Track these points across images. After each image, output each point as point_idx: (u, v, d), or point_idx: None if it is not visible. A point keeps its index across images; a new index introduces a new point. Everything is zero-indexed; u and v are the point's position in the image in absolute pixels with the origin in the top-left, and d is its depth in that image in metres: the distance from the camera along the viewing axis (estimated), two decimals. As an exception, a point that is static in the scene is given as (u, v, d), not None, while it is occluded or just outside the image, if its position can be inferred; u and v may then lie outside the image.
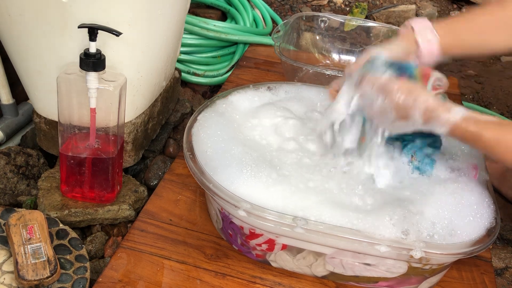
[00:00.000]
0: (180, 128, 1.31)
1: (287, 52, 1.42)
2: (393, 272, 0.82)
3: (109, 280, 0.84)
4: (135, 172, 1.16)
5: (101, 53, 0.84)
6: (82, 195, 0.97)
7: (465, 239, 0.77)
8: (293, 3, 2.13)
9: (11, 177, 1.05)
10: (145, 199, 1.04)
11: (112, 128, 0.90)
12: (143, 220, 0.96)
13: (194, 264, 0.89)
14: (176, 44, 1.12)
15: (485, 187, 0.86)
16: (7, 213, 0.90)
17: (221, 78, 1.57)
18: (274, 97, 1.07)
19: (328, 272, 0.86)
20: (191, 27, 1.52)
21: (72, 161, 0.93)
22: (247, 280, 0.87)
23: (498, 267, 1.04)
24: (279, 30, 1.38)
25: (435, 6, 2.22)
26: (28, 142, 1.17)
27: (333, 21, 1.53)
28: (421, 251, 0.75)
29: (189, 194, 1.03)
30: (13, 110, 1.16)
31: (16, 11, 0.86)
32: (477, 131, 0.75)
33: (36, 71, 0.95)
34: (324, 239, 0.78)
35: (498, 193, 1.20)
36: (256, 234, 0.84)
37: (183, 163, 1.07)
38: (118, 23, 0.85)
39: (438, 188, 0.84)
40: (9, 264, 0.82)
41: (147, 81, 1.02)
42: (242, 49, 1.62)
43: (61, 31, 0.87)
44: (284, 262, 0.87)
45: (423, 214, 0.79)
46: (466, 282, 0.91)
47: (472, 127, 0.75)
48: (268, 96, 1.06)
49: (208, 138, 0.91)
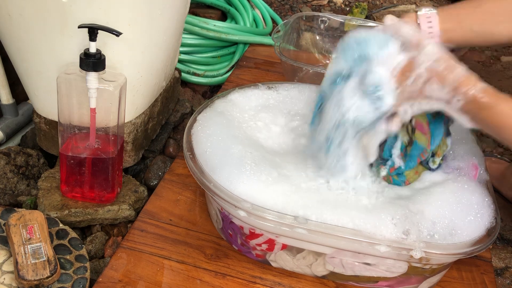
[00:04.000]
0: (180, 128, 1.31)
1: (287, 52, 1.42)
2: (393, 272, 0.82)
3: (109, 280, 0.84)
4: (135, 172, 1.16)
5: (101, 53, 0.84)
6: (82, 195, 0.97)
7: (465, 239, 0.77)
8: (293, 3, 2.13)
9: (11, 177, 1.05)
10: (145, 199, 1.04)
11: (112, 128, 0.90)
12: (143, 220, 0.96)
13: (194, 264, 0.89)
14: (176, 44, 1.12)
15: (485, 187, 0.86)
16: (7, 213, 0.90)
17: (221, 78, 1.57)
18: (275, 95, 1.07)
19: (328, 272, 0.86)
20: (191, 27, 1.52)
21: (72, 161, 0.93)
22: (247, 280, 0.87)
23: (498, 267, 1.04)
24: (279, 30, 1.38)
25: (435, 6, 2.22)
26: (28, 142, 1.17)
27: (333, 21, 1.53)
28: (421, 251, 0.75)
29: (189, 194, 1.03)
30: (13, 110, 1.16)
31: (16, 11, 0.86)
32: (492, 102, 0.72)
33: (36, 71, 0.95)
34: (324, 239, 0.78)
35: (498, 193, 1.19)
36: (256, 234, 0.84)
37: (183, 163, 1.07)
38: (118, 23, 0.85)
39: (438, 187, 0.84)
40: (9, 264, 0.82)
41: (147, 81, 1.02)
42: (242, 49, 1.62)
43: (61, 31, 0.87)
44: (284, 262, 0.87)
45: (423, 214, 0.79)
46: (466, 282, 0.91)
47: (487, 98, 0.72)
48: (268, 94, 1.06)
49: (208, 137, 0.90)
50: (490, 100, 0.73)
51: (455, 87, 0.74)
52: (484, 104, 0.73)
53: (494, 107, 0.72)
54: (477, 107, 0.74)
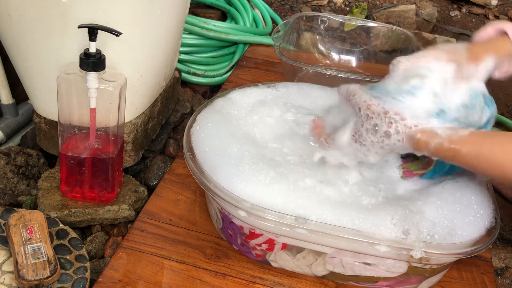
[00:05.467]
0: (180, 128, 1.31)
1: (287, 52, 1.42)
2: (393, 272, 0.82)
3: (109, 280, 0.84)
4: (135, 172, 1.16)
5: (101, 53, 0.84)
6: (82, 195, 0.97)
7: (465, 239, 0.77)
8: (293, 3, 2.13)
9: (11, 177, 1.05)
10: (145, 199, 1.04)
11: (112, 128, 0.90)
12: (143, 220, 0.96)
13: (194, 264, 0.89)
14: (176, 44, 1.12)
15: (485, 187, 0.86)
16: (7, 213, 0.90)
17: (221, 78, 1.57)
18: (274, 92, 1.07)
19: (328, 272, 0.86)
20: (191, 27, 1.52)
21: (72, 161, 0.93)
22: (247, 280, 0.87)
23: (498, 267, 1.04)
24: (279, 30, 1.38)
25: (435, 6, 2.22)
26: (28, 142, 1.17)
27: (333, 21, 1.53)
28: (421, 251, 0.75)
29: (189, 194, 1.03)
30: (13, 110, 1.16)
31: (16, 11, 0.86)
32: (453, 147, 0.71)
33: (36, 71, 0.95)
34: (324, 239, 0.78)
35: (498, 193, 1.19)
36: (256, 234, 0.84)
37: (183, 163, 1.07)
38: (118, 23, 0.85)
39: (438, 187, 0.84)
40: (9, 264, 0.83)
41: (147, 81, 1.02)
42: (242, 49, 1.62)
43: (61, 31, 0.87)
44: (284, 262, 0.87)
45: (423, 214, 0.79)
46: (466, 282, 0.91)
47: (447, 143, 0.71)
48: (268, 92, 1.06)
49: (208, 137, 0.90)
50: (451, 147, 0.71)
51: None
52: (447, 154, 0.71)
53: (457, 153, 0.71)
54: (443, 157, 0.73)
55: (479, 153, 0.70)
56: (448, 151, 0.72)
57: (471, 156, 0.70)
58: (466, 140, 0.71)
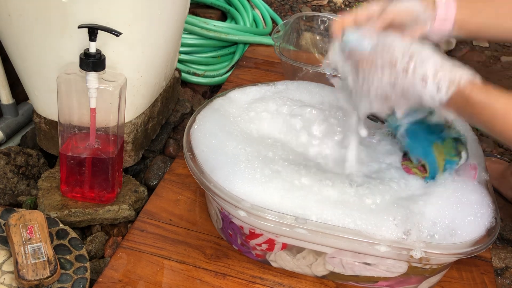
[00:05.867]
0: (180, 128, 1.31)
1: (287, 52, 1.42)
2: (393, 271, 0.82)
3: (109, 280, 0.84)
4: (135, 172, 1.16)
5: (101, 53, 0.84)
6: (82, 195, 0.97)
7: (465, 239, 0.77)
8: (293, 3, 2.13)
9: (11, 177, 1.05)
10: (145, 199, 1.04)
11: (112, 128, 0.90)
12: (143, 220, 0.96)
13: (194, 264, 0.89)
14: (176, 44, 1.12)
15: (485, 187, 0.86)
16: (7, 213, 0.90)
17: (221, 78, 1.57)
18: (273, 89, 1.06)
19: (328, 272, 0.86)
20: (191, 27, 1.52)
21: (72, 161, 0.93)
22: (247, 280, 0.87)
23: (498, 267, 1.04)
24: (279, 30, 1.38)
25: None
26: (28, 142, 1.17)
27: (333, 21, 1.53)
28: (421, 251, 0.75)
29: (189, 194, 1.03)
30: (13, 110, 1.16)
31: (16, 11, 0.86)
32: (484, 99, 0.70)
33: (36, 71, 0.95)
34: (325, 239, 0.78)
35: (498, 193, 1.19)
36: (256, 234, 0.84)
37: (183, 163, 1.07)
38: (118, 23, 0.85)
39: (438, 187, 0.84)
40: (9, 264, 0.82)
41: (147, 81, 1.02)
42: (242, 49, 1.62)
43: (61, 31, 0.87)
44: (284, 262, 0.87)
45: (424, 214, 0.79)
46: (466, 282, 0.91)
47: (478, 94, 0.70)
48: (266, 89, 1.06)
49: (208, 137, 0.90)
50: (481, 97, 0.70)
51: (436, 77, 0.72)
52: (474, 100, 0.70)
53: (486, 106, 0.70)
54: (465, 104, 0.71)
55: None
56: (474, 100, 0.71)
57: (500, 112, 0.70)
58: (498, 94, 0.71)
